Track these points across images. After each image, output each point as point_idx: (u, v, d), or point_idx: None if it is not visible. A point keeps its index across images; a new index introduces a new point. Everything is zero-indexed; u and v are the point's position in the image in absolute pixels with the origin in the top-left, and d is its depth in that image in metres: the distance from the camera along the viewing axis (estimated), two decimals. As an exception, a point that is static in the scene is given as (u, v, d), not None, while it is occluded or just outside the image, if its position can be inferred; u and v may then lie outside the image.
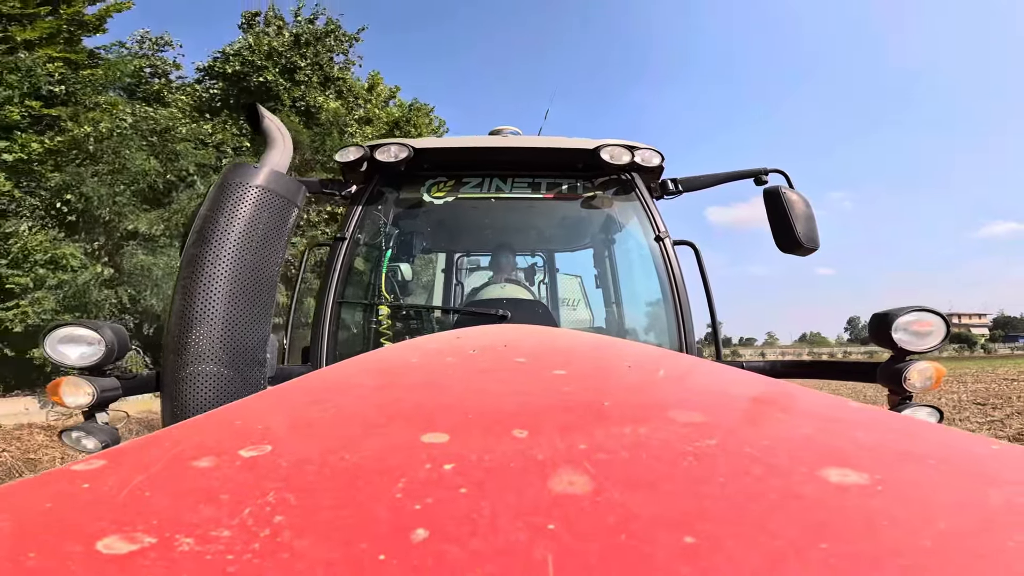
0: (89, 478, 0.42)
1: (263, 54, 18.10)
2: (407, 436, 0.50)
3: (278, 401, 0.73)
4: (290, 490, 0.39)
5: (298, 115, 17.75)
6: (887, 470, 0.41)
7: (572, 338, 1.27)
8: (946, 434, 0.52)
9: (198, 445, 0.51)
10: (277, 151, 1.67)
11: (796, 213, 2.23)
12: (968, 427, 9.04)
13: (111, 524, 0.35)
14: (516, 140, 2.61)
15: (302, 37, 19.13)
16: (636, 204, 2.50)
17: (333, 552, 0.31)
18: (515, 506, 0.36)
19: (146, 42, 19.02)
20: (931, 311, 1.68)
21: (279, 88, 18.04)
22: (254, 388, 1.39)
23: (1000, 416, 9.81)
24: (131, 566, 0.31)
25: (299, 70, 18.65)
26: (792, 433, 0.53)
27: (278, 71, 18.24)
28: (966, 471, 0.42)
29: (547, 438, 0.48)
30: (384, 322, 2.38)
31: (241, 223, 1.43)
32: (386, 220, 2.52)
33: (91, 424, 1.57)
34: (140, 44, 18.71)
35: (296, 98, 18.34)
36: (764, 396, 0.70)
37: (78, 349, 1.52)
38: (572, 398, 0.65)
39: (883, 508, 0.35)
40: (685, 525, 0.33)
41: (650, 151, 2.42)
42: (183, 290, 1.37)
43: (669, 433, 0.50)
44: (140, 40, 18.71)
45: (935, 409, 1.74)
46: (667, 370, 0.86)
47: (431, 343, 1.15)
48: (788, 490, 0.38)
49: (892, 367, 1.73)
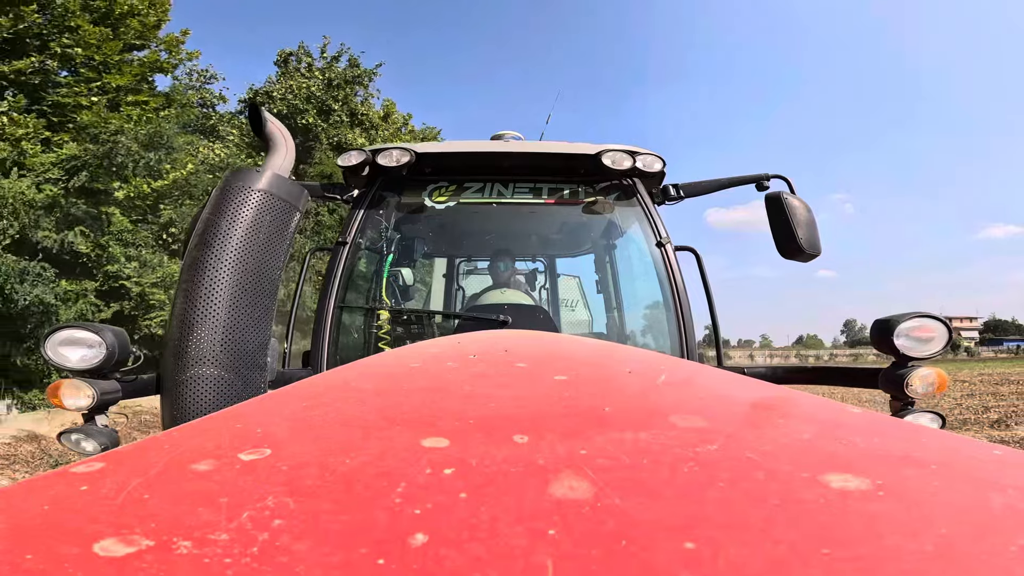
0: (88, 480, 0.42)
1: (303, 98, 20.84)
2: (407, 440, 0.50)
3: (278, 405, 0.73)
4: (289, 494, 0.39)
5: (332, 150, 20.18)
6: (888, 475, 0.40)
7: (573, 344, 1.27)
8: (947, 439, 0.52)
9: (197, 448, 0.51)
10: (279, 155, 1.67)
11: (798, 219, 2.23)
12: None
13: (109, 526, 0.35)
14: (518, 145, 2.61)
15: (334, 81, 21.78)
16: (638, 209, 2.50)
17: (332, 556, 0.31)
18: (515, 511, 0.36)
19: (194, 74, 21.31)
20: (933, 317, 1.68)
21: (318, 129, 20.90)
22: (254, 392, 1.39)
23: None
24: (128, 569, 0.30)
25: (333, 112, 21.52)
26: (793, 439, 0.53)
27: (315, 112, 21.07)
28: (967, 476, 0.42)
29: (548, 443, 0.48)
30: (384, 327, 2.38)
31: (243, 227, 1.43)
32: (387, 224, 2.52)
33: (90, 426, 1.57)
34: (189, 76, 21.02)
35: (330, 136, 21.12)
36: (765, 402, 0.70)
37: (79, 352, 1.52)
38: (573, 403, 0.65)
39: (884, 513, 0.35)
40: (686, 530, 0.33)
41: (652, 156, 2.42)
42: (184, 293, 1.37)
43: (670, 439, 0.50)
44: (188, 73, 21.01)
45: (937, 415, 1.73)
46: (668, 376, 0.86)
47: (432, 348, 1.14)
48: (789, 495, 0.38)
49: (894, 373, 1.73)
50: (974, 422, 12.02)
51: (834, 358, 76.96)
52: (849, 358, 75.08)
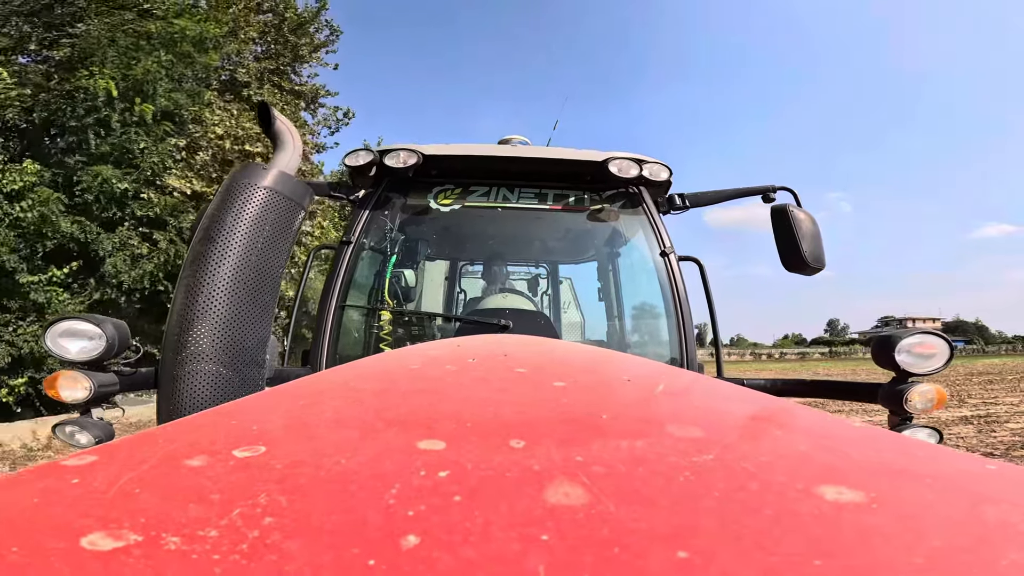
0: (79, 474, 0.42)
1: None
2: (403, 442, 0.50)
3: (275, 402, 0.73)
4: (282, 492, 0.39)
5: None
6: (882, 488, 0.40)
7: (572, 350, 1.27)
8: (942, 453, 0.52)
9: (191, 444, 0.50)
10: (287, 153, 1.68)
11: (803, 232, 2.23)
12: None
13: (97, 521, 0.34)
14: (524, 150, 2.62)
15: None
16: (643, 218, 2.50)
17: (322, 556, 0.31)
18: (509, 516, 0.36)
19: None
20: (935, 334, 1.69)
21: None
22: (252, 388, 1.39)
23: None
24: (114, 563, 0.30)
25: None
26: (789, 450, 0.53)
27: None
28: (961, 490, 0.42)
29: (544, 449, 0.48)
30: (386, 327, 2.38)
31: (247, 223, 1.43)
32: (392, 226, 2.52)
33: (86, 419, 1.57)
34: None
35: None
36: (762, 413, 0.70)
37: (78, 343, 1.52)
38: (570, 410, 0.65)
39: (878, 526, 0.35)
40: (679, 540, 0.33)
41: (658, 165, 2.42)
42: (186, 288, 1.37)
43: (666, 448, 0.49)
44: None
45: (934, 430, 1.73)
46: (666, 385, 0.85)
47: (432, 350, 1.14)
48: (784, 507, 0.38)
49: (893, 388, 1.73)
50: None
51: (783, 357, 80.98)
52: (797, 356, 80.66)
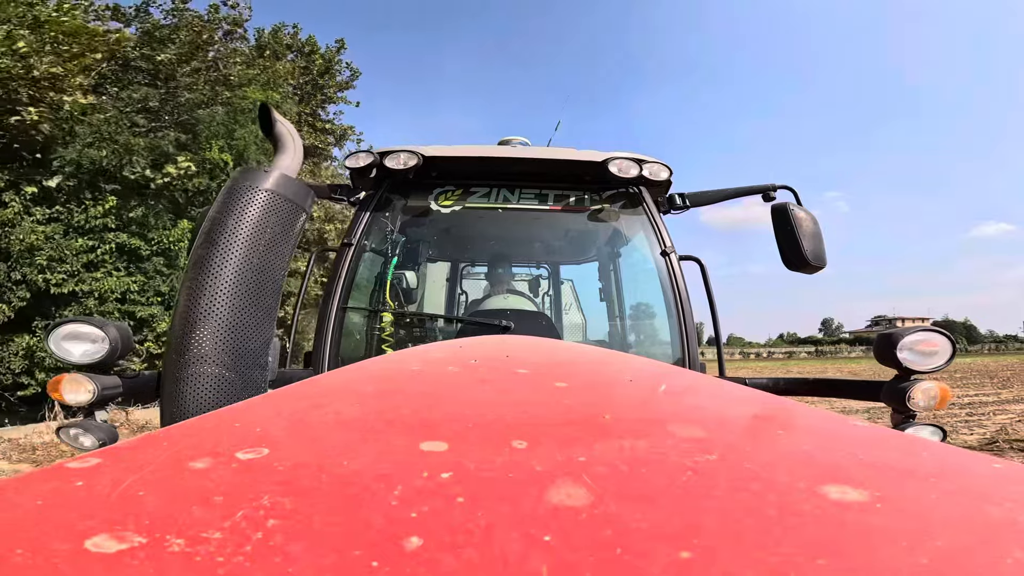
0: (83, 476, 0.42)
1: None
2: (406, 444, 0.50)
3: (278, 405, 0.73)
4: (285, 494, 0.39)
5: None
6: (886, 487, 0.40)
7: (574, 351, 1.27)
8: (946, 452, 0.51)
9: (195, 446, 0.51)
10: (288, 155, 1.68)
11: (804, 231, 2.22)
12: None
13: (102, 523, 0.34)
14: (524, 151, 2.61)
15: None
16: (643, 218, 2.49)
17: (325, 557, 0.31)
18: (511, 516, 0.36)
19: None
20: (937, 331, 1.68)
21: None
22: (255, 391, 1.39)
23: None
24: (118, 565, 0.30)
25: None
26: (792, 450, 0.53)
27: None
28: (965, 489, 0.42)
29: (546, 450, 0.48)
30: (387, 329, 2.38)
31: (249, 226, 1.44)
32: (393, 227, 2.52)
33: (90, 421, 1.57)
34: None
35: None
36: (765, 412, 0.70)
37: (81, 346, 1.52)
38: (572, 411, 0.65)
39: (881, 525, 0.34)
40: (682, 540, 0.33)
41: (658, 165, 2.41)
42: (188, 291, 1.37)
43: (669, 448, 0.49)
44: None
45: (938, 428, 1.72)
46: (668, 385, 0.85)
47: (434, 352, 1.14)
48: (787, 506, 0.37)
49: (896, 386, 1.72)
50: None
51: (772, 354, 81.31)
52: (784, 355, 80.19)
